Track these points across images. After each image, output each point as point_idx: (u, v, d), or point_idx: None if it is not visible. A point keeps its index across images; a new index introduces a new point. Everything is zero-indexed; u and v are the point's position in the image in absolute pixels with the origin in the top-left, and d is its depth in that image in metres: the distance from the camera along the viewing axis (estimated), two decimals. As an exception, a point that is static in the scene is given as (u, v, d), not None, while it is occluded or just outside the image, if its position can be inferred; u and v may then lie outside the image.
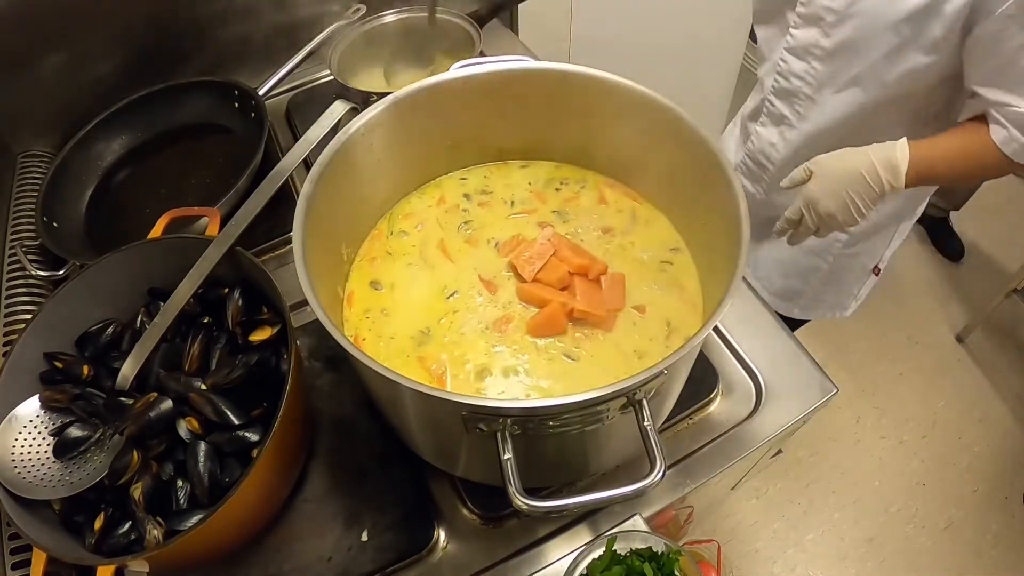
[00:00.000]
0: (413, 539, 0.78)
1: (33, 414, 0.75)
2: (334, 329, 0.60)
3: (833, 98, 1.00)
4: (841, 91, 0.99)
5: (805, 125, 1.05)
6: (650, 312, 0.81)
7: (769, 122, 1.11)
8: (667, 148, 0.83)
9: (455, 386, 0.76)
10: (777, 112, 1.09)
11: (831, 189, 0.94)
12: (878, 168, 0.91)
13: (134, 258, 0.83)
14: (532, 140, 0.96)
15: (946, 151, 0.91)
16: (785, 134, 1.09)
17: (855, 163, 0.93)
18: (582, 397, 0.56)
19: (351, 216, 0.86)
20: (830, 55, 0.97)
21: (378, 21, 1.28)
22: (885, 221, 1.17)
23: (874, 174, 0.91)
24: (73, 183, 1.15)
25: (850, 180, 0.93)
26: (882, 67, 0.93)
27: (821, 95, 1.01)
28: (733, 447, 0.86)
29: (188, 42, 1.27)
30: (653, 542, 0.73)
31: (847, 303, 1.31)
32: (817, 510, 1.97)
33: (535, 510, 0.58)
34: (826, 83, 1.00)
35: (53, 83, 1.16)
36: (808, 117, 1.05)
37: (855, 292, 1.29)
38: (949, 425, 2.14)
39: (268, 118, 1.16)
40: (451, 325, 0.81)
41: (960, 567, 1.87)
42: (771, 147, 1.12)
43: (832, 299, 1.30)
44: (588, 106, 0.87)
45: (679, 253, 0.87)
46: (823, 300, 1.29)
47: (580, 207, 0.93)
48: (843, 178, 0.93)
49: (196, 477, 0.70)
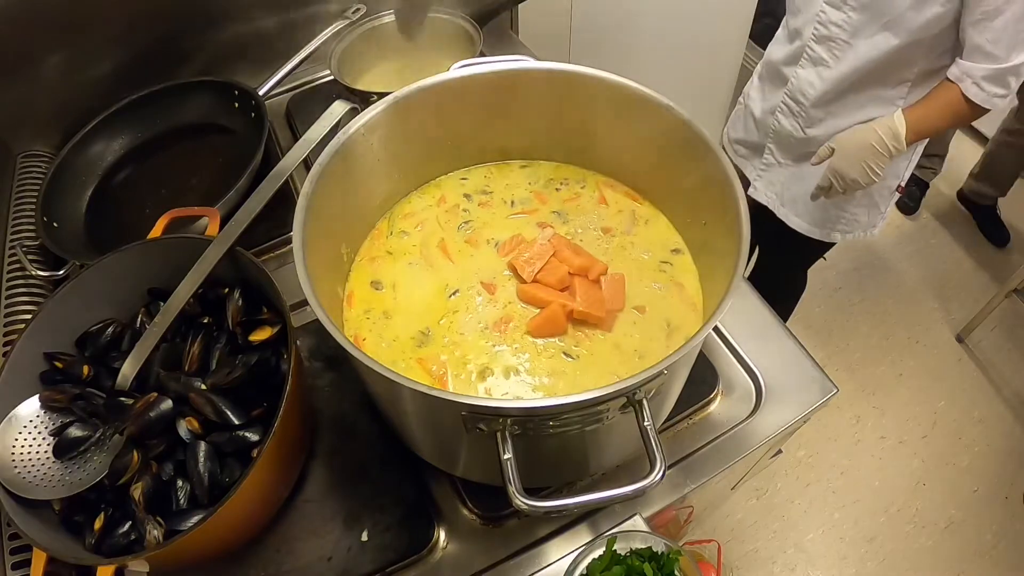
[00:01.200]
0: (413, 539, 0.78)
1: (33, 414, 0.75)
2: (334, 329, 0.60)
3: (866, 42, 1.17)
4: (873, 36, 1.15)
5: (841, 66, 1.22)
6: (650, 312, 0.81)
7: (809, 64, 1.27)
8: (667, 148, 0.83)
9: (456, 386, 0.76)
10: (816, 55, 1.24)
11: (851, 161, 1.21)
12: (884, 139, 1.17)
13: (134, 258, 0.83)
14: (532, 140, 0.96)
15: (932, 112, 1.17)
16: (823, 74, 1.25)
17: (866, 137, 1.19)
18: (582, 397, 0.56)
19: (351, 216, 0.86)
20: (864, 6, 1.14)
21: (378, 21, 1.28)
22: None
23: (882, 143, 1.18)
24: (73, 183, 1.15)
25: (865, 151, 1.19)
26: (909, 15, 1.09)
27: (856, 40, 1.18)
28: (733, 447, 0.86)
29: (188, 42, 1.27)
30: (653, 542, 0.73)
31: (876, 221, 1.48)
32: (817, 510, 1.97)
33: (535, 510, 0.58)
34: (860, 30, 1.16)
35: (53, 83, 1.16)
36: (844, 59, 1.21)
37: (883, 211, 1.46)
38: (949, 425, 2.14)
39: (268, 118, 1.16)
40: (451, 325, 0.81)
41: (960, 567, 1.87)
42: (809, 86, 1.28)
43: (865, 219, 1.46)
44: (588, 106, 0.87)
45: (679, 253, 0.87)
46: (858, 221, 1.46)
47: (580, 207, 0.93)
48: (859, 150, 1.20)
49: (196, 477, 0.70)
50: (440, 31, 1.29)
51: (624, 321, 0.81)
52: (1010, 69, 1.06)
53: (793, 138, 1.38)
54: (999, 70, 1.06)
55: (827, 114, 1.29)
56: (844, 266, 2.54)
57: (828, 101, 1.27)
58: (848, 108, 1.27)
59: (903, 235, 2.66)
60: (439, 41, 1.30)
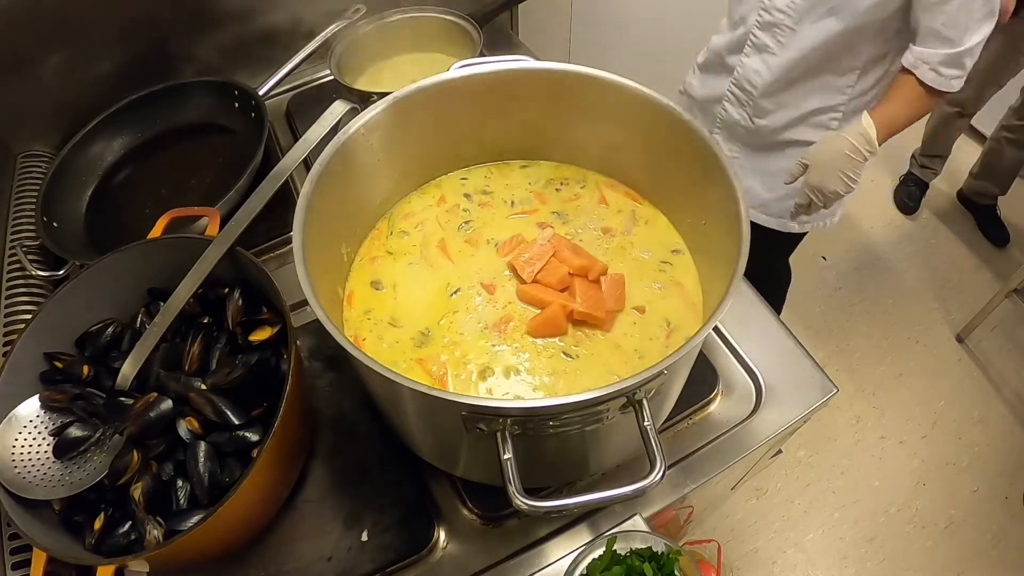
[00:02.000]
0: (413, 539, 0.78)
1: (33, 414, 0.75)
2: (334, 329, 0.60)
3: (812, 27, 1.15)
4: (818, 21, 1.14)
5: (787, 52, 1.20)
6: (650, 312, 0.81)
7: (753, 52, 1.25)
8: (667, 148, 0.83)
9: (456, 386, 0.76)
10: (761, 42, 1.22)
11: (827, 173, 1.15)
12: (857, 145, 1.12)
13: (134, 258, 0.83)
14: (532, 140, 0.96)
15: (896, 107, 1.13)
16: (768, 61, 1.23)
17: (839, 146, 1.13)
18: (582, 397, 0.56)
19: (351, 216, 0.86)
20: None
21: (378, 21, 1.28)
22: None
23: (855, 150, 1.12)
24: (73, 183, 1.15)
25: (840, 160, 1.13)
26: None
27: (801, 26, 1.16)
28: (733, 447, 0.86)
29: (188, 42, 1.27)
30: (653, 542, 0.73)
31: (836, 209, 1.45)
32: (817, 510, 1.97)
33: (535, 510, 0.58)
34: (805, 15, 1.14)
35: (53, 83, 1.16)
36: (789, 45, 1.19)
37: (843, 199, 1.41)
38: (949, 425, 2.14)
39: (268, 118, 1.16)
40: (451, 325, 0.81)
41: (960, 567, 1.87)
42: (755, 74, 1.26)
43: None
44: (588, 106, 0.87)
45: (679, 253, 0.87)
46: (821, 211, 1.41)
47: (580, 207, 0.93)
48: (834, 160, 1.14)
49: (196, 477, 0.70)
50: (440, 31, 1.29)
51: (624, 321, 0.81)
52: (965, 51, 1.04)
53: (741, 127, 1.36)
54: (955, 53, 1.05)
55: (776, 105, 1.28)
56: (844, 266, 2.54)
57: (777, 91, 1.26)
58: (796, 97, 1.26)
59: (903, 235, 2.66)
60: (439, 41, 1.30)
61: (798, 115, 1.28)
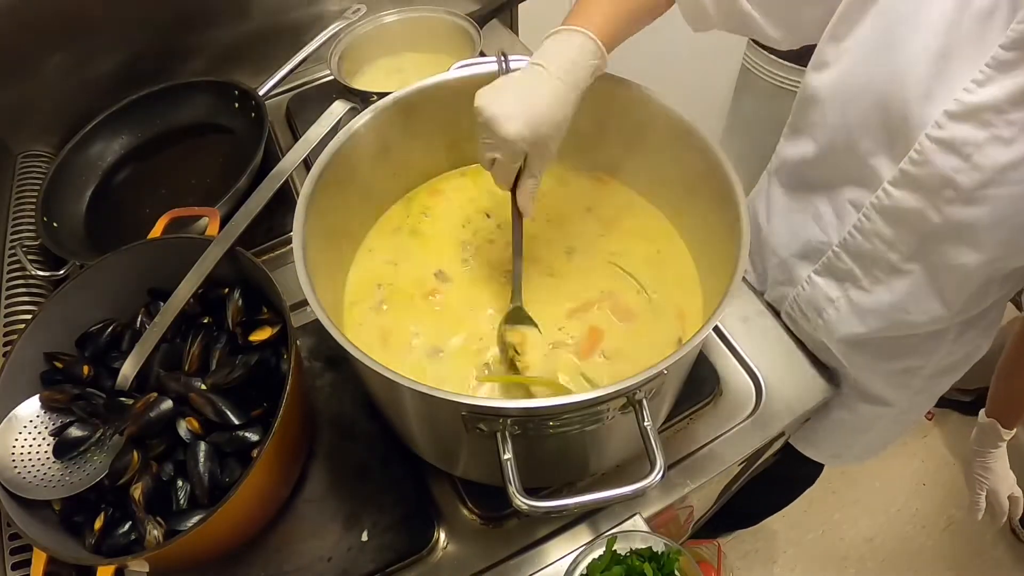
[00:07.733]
0: (413, 539, 0.78)
1: (33, 414, 0.75)
2: (334, 329, 0.60)
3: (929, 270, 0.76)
4: None
5: (884, 294, 0.82)
6: (649, 312, 0.81)
7: (828, 275, 0.87)
8: (667, 148, 0.83)
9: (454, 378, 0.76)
10: (845, 268, 0.84)
11: (1006, 485, 1.09)
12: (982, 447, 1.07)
13: (134, 258, 0.83)
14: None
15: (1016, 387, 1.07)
16: (850, 293, 0.85)
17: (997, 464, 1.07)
18: (582, 397, 0.56)
19: (351, 216, 0.86)
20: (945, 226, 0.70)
21: (378, 21, 1.28)
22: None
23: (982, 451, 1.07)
24: (73, 183, 1.15)
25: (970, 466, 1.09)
26: None
27: (912, 265, 0.77)
28: (733, 447, 0.86)
29: (188, 42, 1.27)
30: (653, 542, 0.73)
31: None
32: (817, 510, 1.97)
33: (535, 510, 0.58)
34: (927, 255, 0.75)
35: (53, 83, 1.16)
36: (890, 285, 0.80)
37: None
38: (949, 425, 2.14)
39: (268, 118, 1.16)
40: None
41: (960, 567, 1.87)
42: (828, 303, 0.88)
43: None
44: (587, 106, 0.87)
45: (679, 253, 0.87)
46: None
47: (580, 207, 0.93)
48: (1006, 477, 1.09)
49: (196, 477, 0.70)
50: (440, 31, 1.29)
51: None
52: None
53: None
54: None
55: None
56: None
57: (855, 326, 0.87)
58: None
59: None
60: (439, 41, 1.30)
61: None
